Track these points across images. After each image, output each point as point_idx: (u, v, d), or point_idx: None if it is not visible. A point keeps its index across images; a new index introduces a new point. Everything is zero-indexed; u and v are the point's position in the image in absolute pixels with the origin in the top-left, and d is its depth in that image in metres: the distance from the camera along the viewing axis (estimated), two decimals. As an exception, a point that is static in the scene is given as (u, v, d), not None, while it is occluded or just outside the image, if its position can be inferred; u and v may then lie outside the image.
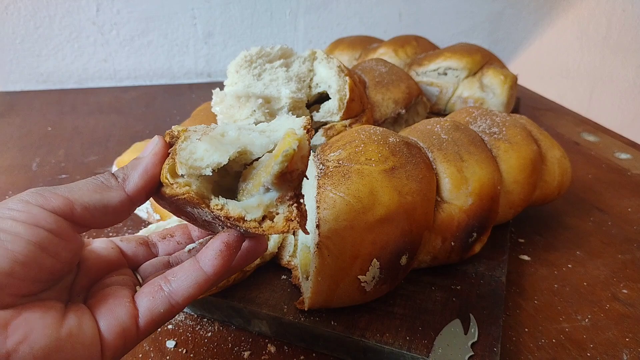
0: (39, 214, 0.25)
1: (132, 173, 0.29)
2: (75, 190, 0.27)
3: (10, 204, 0.25)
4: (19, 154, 0.79)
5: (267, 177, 0.25)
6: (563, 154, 0.58)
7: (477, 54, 0.88)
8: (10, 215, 0.25)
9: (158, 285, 0.29)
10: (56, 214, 0.26)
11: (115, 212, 0.28)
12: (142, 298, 0.29)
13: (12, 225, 0.24)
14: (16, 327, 0.24)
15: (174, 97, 1.11)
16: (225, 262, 0.28)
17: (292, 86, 0.54)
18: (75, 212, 0.26)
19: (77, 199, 0.26)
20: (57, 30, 1.09)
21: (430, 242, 0.46)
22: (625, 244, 0.58)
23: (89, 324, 0.27)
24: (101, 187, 0.28)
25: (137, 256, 0.34)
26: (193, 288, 0.28)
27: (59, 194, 0.26)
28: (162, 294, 0.28)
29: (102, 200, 0.27)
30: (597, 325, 0.46)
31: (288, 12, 1.24)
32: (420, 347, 0.39)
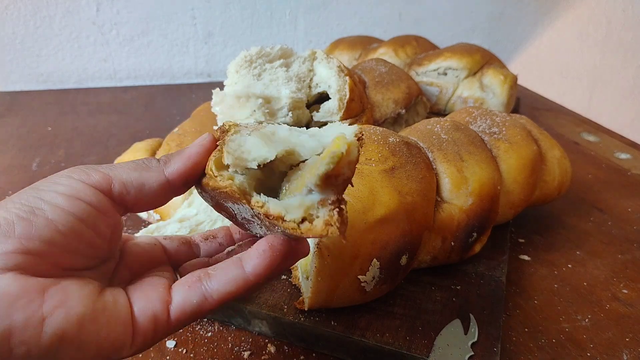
0: (79, 187, 0.26)
1: (174, 157, 0.29)
2: (116, 167, 0.28)
3: (55, 178, 0.27)
4: (18, 153, 0.79)
5: (311, 178, 0.25)
6: (563, 154, 0.58)
7: (477, 54, 0.88)
8: (53, 188, 0.26)
9: (197, 276, 0.28)
10: (96, 189, 0.27)
11: (153, 194, 0.29)
12: (178, 287, 0.28)
13: (54, 196, 0.25)
14: (53, 293, 0.24)
15: (174, 97, 1.11)
16: (266, 263, 0.27)
17: (292, 86, 0.54)
18: (114, 188, 0.27)
19: (115, 175, 0.27)
20: (57, 30, 1.09)
21: (430, 242, 0.46)
22: (626, 244, 0.58)
23: (123, 303, 0.27)
24: (141, 166, 0.29)
25: (179, 254, 0.34)
26: (230, 285, 0.27)
27: (99, 170, 0.27)
28: (199, 285, 0.28)
29: (139, 179, 0.28)
30: (597, 325, 0.46)
31: (288, 12, 1.24)
32: (420, 347, 0.39)
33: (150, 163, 0.29)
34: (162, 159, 0.30)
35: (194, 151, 0.29)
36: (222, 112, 0.53)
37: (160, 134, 0.64)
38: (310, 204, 0.25)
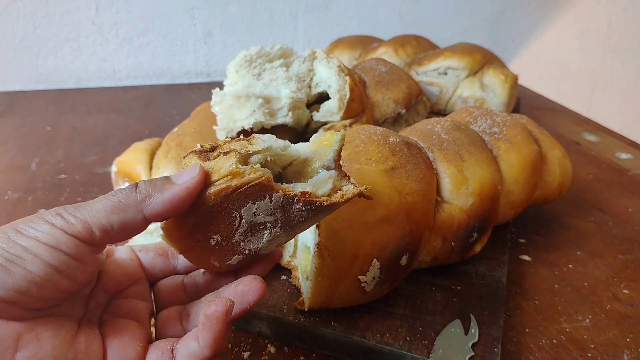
0: (60, 238, 0.25)
1: (155, 195, 0.27)
2: (94, 211, 0.27)
3: (35, 223, 0.26)
4: (18, 153, 0.79)
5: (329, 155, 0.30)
6: (564, 154, 0.58)
7: (478, 54, 0.88)
8: (34, 235, 0.25)
9: (170, 347, 0.29)
10: (76, 239, 0.26)
11: (132, 230, 0.28)
12: (152, 351, 0.29)
13: (35, 245, 0.25)
14: (27, 342, 0.25)
15: (173, 96, 1.11)
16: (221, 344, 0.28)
17: (292, 86, 0.54)
18: (95, 237, 0.26)
19: (94, 222, 0.26)
20: (57, 30, 1.09)
21: (431, 242, 0.46)
22: (626, 244, 0.58)
23: (97, 351, 0.27)
24: (119, 206, 0.27)
25: (154, 268, 0.35)
26: None
27: (79, 218, 0.26)
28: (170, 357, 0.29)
29: (119, 221, 0.27)
30: (598, 326, 0.46)
31: (288, 12, 1.23)
32: (420, 347, 0.39)
33: (128, 199, 0.27)
34: (141, 191, 0.27)
35: (178, 194, 0.27)
36: (222, 112, 0.53)
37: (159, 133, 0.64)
38: (335, 177, 0.30)
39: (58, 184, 0.69)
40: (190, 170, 0.28)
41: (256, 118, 0.52)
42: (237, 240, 0.30)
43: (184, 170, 0.28)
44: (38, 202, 0.64)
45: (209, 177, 0.28)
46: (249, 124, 0.51)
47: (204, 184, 0.27)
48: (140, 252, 0.35)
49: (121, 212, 0.27)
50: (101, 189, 0.68)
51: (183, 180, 0.27)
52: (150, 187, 0.27)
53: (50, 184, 0.69)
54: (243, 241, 0.30)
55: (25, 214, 0.60)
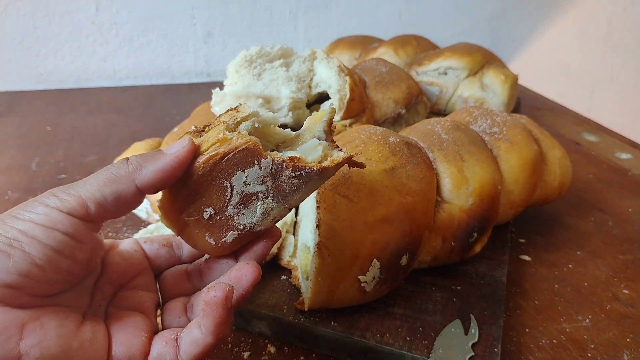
0: (56, 216, 0.26)
1: (146, 165, 0.28)
2: (87, 185, 0.27)
3: (31, 205, 0.26)
4: (18, 153, 0.79)
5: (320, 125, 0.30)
6: (564, 154, 0.58)
7: (478, 54, 0.88)
8: (29, 218, 0.25)
9: (174, 337, 0.29)
10: (72, 216, 0.26)
11: (128, 202, 0.28)
12: (157, 341, 0.29)
13: (31, 227, 0.25)
14: (31, 329, 0.25)
15: (173, 96, 1.11)
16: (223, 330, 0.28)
17: (292, 86, 0.54)
18: (90, 211, 0.27)
19: (89, 196, 0.27)
20: (57, 29, 1.09)
21: (431, 242, 0.46)
22: (626, 244, 0.58)
23: (102, 341, 0.28)
24: (111, 178, 0.27)
25: (159, 259, 0.35)
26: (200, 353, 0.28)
27: (72, 194, 0.26)
28: (173, 348, 0.29)
29: (113, 193, 0.27)
30: (598, 326, 0.46)
31: (288, 12, 1.23)
32: (420, 347, 0.39)
33: (119, 171, 0.28)
34: (132, 163, 0.28)
35: (170, 162, 0.27)
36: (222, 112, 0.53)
37: (159, 133, 0.64)
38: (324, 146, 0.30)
39: (58, 183, 0.69)
40: (180, 141, 0.28)
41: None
42: (230, 214, 0.30)
43: (174, 142, 0.28)
44: (38, 202, 0.64)
45: (199, 149, 0.28)
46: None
47: (195, 155, 0.28)
48: (144, 243, 0.35)
49: (114, 184, 0.27)
50: (101, 189, 0.68)
51: (174, 150, 0.28)
52: (141, 159, 0.28)
53: (50, 183, 0.69)
54: (237, 215, 0.30)
55: (25, 214, 0.61)
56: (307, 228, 0.44)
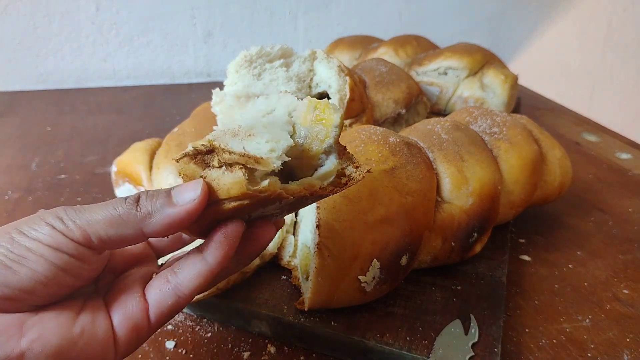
0: (61, 240, 0.26)
1: (156, 216, 0.27)
2: (93, 222, 0.26)
3: (37, 224, 0.26)
4: (18, 153, 0.79)
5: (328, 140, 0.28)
6: (564, 154, 0.58)
7: (478, 54, 0.88)
8: (36, 237, 0.26)
9: (165, 277, 0.29)
10: (77, 243, 0.26)
11: (130, 242, 0.28)
12: (151, 291, 0.29)
13: (38, 247, 0.25)
14: (30, 325, 0.25)
15: (173, 96, 1.11)
16: (225, 252, 0.28)
17: (292, 86, 0.54)
18: (93, 245, 0.27)
19: (93, 233, 0.26)
20: (57, 30, 1.09)
21: (431, 242, 0.46)
22: (626, 244, 0.58)
23: (102, 320, 0.28)
24: (118, 221, 0.27)
25: (162, 242, 0.35)
26: (197, 279, 0.29)
27: (78, 225, 0.26)
28: (169, 286, 0.29)
29: (116, 236, 0.27)
30: (598, 326, 0.46)
31: (288, 12, 1.23)
32: (420, 347, 0.39)
33: (127, 215, 0.27)
34: (142, 209, 0.27)
35: (179, 216, 0.26)
36: (222, 112, 0.53)
37: (159, 133, 0.64)
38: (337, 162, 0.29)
39: (58, 184, 0.69)
40: (193, 188, 0.27)
41: (256, 118, 0.51)
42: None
43: (185, 186, 0.27)
44: (38, 202, 0.64)
45: (213, 192, 0.27)
46: (249, 124, 0.51)
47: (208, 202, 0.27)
48: None
49: (120, 228, 0.27)
50: (101, 189, 0.68)
51: (184, 201, 0.26)
52: (151, 205, 0.27)
53: (50, 184, 0.69)
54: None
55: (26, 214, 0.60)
56: (307, 228, 0.44)
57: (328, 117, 0.29)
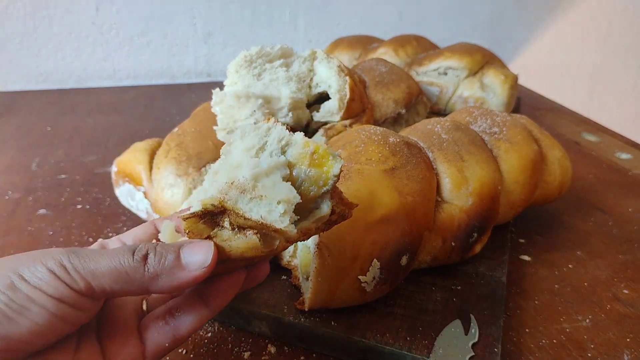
0: (64, 291, 0.25)
1: (164, 277, 0.26)
2: (98, 274, 0.26)
3: (39, 270, 0.25)
4: (18, 153, 0.79)
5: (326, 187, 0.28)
6: (564, 154, 0.58)
7: (478, 54, 0.88)
8: (38, 285, 0.25)
9: (163, 319, 0.29)
10: (79, 294, 0.26)
11: (134, 295, 0.28)
12: (148, 332, 0.29)
13: (41, 297, 0.25)
14: None
15: (173, 96, 1.11)
16: (229, 300, 0.29)
17: (292, 86, 0.54)
18: (96, 294, 0.26)
19: (97, 285, 0.26)
20: (57, 30, 1.09)
21: (431, 242, 0.46)
22: (626, 244, 0.58)
23: None
24: (124, 277, 0.26)
25: None
26: (198, 324, 0.29)
27: (82, 276, 0.26)
28: (167, 329, 0.29)
29: (122, 291, 0.27)
30: (598, 326, 0.46)
31: (288, 12, 1.23)
32: (420, 347, 0.39)
33: (135, 275, 0.26)
34: (149, 268, 0.26)
35: (187, 281, 0.26)
36: (222, 112, 0.53)
37: (160, 133, 0.64)
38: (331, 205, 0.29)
39: (58, 183, 0.69)
40: (203, 253, 0.26)
41: (256, 118, 0.52)
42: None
43: (196, 248, 0.26)
44: (38, 202, 0.64)
45: (223, 252, 0.27)
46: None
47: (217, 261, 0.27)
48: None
49: (125, 284, 0.26)
50: (101, 189, 0.68)
51: (194, 266, 0.26)
52: (159, 266, 0.26)
53: (51, 183, 0.69)
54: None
55: (26, 214, 0.61)
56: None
57: (328, 165, 0.28)
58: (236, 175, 0.27)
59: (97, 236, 0.57)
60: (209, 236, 0.27)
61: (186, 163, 0.52)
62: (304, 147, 0.28)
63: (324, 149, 0.28)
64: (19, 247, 0.55)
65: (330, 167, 0.28)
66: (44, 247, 0.55)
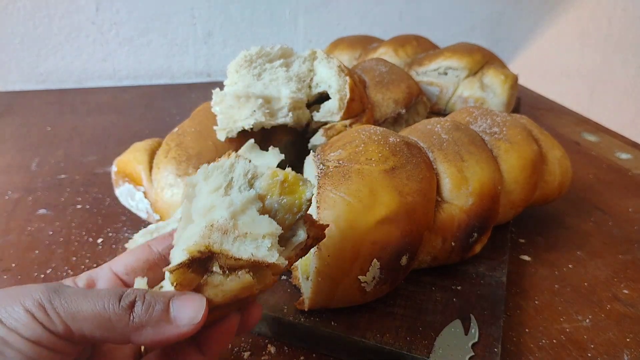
0: (41, 334, 0.24)
1: (148, 331, 0.25)
2: (79, 318, 0.24)
3: (16, 311, 0.24)
4: (18, 153, 0.78)
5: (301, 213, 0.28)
6: (563, 154, 0.58)
7: (478, 54, 0.88)
8: (14, 327, 0.24)
9: None
10: (59, 338, 0.24)
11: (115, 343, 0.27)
12: None
13: (15, 340, 0.24)
14: None
15: (173, 96, 1.11)
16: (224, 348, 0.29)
17: (292, 86, 0.54)
18: (75, 339, 0.25)
19: (78, 329, 0.24)
20: (57, 29, 1.09)
21: (431, 242, 0.46)
22: (626, 244, 0.58)
23: None
24: (106, 324, 0.24)
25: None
26: None
27: (62, 319, 0.24)
28: None
29: (103, 338, 0.25)
30: (598, 326, 0.46)
31: (288, 12, 1.23)
32: (420, 347, 0.39)
33: (119, 323, 0.24)
34: (135, 317, 0.25)
35: (172, 336, 0.25)
36: (222, 112, 0.53)
37: (160, 133, 0.64)
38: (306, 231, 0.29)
39: (58, 183, 0.69)
40: (194, 308, 0.25)
41: (256, 118, 0.52)
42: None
43: (186, 303, 0.25)
44: (38, 202, 0.64)
45: (214, 299, 0.26)
46: (249, 124, 0.51)
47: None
48: (126, 275, 0.32)
49: (106, 332, 0.25)
50: (101, 188, 0.68)
51: (183, 322, 0.25)
52: (145, 317, 0.25)
53: (50, 183, 0.69)
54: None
55: (26, 214, 0.61)
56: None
57: (299, 191, 0.28)
58: (213, 218, 0.26)
59: (97, 236, 0.57)
60: (199, 284, 0.26)
61: (186, 163, 0.52)
62: (272, 177, 0.28)
63: (292, 176, 0.28)
64: (19, 247, 0.55)
65: (302, 193, 0.28)
66: (44, 247, 0.55)
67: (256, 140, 0.51)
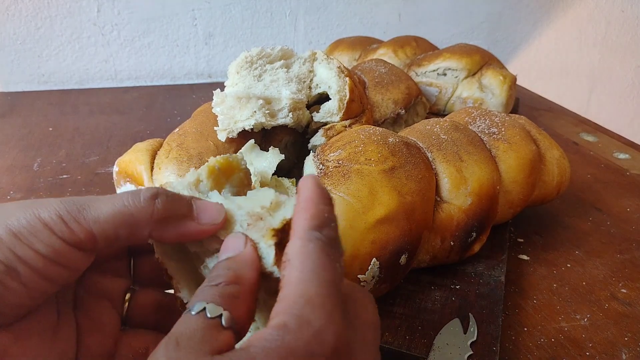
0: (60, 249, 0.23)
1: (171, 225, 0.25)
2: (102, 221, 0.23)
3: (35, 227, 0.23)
4: (20, 154, 0.79)
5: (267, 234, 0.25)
6: (562, 154, 0.58)
7: (476, 55, 0.89)
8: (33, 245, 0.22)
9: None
10: (79, 249, 0.24)
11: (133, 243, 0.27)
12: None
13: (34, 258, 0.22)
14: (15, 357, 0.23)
15: (174, 97, 1.11)
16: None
17: (292, 87, 0.54)
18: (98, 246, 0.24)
19: (101, 233, 0.24)
20: (58, 31, 1.10)
21: (430, 241, 0.46)
22: (624, 244, 0.59)
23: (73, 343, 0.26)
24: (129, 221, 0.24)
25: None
26: None
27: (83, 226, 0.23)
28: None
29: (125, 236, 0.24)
30: (596, 325, 0.46)
31: (288, 13, 1.24)
32: (419, 346, 0.39)
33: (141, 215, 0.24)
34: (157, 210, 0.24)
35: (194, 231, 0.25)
36: (223, 113, 0.53)
37: (161, 134, 0.64)
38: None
39: (60, 184, 0.70)
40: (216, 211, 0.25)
41: (257, 119, 0.52)
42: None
43: (208, 205, 0.25)
44: (40, 202, 0.64)
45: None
46: (250, 125, 0.52)
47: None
48: None
49: (129, 228, 0.24)
50: (102, 189, 0.68)
51: (204, 220, 0.25)
52: (170, 208, 0.25)
53: (52, 184, 0.69)
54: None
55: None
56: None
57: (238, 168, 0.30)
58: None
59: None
60: None
61: (187, 163, 0.53)
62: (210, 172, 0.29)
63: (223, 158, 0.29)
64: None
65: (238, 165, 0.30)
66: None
67: (256, 140, 0.51)
